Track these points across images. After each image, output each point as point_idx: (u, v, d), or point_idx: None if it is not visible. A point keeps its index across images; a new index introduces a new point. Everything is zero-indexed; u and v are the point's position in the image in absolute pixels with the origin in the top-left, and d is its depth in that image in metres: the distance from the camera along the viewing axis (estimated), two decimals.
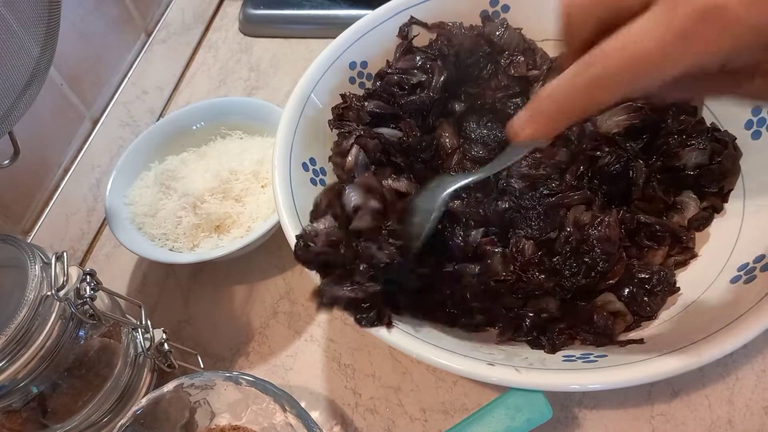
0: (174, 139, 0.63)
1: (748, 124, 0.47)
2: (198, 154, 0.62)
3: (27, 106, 0.42)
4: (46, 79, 0.42)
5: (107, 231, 0.63)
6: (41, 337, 0.37)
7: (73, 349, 0.40)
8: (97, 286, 0.40)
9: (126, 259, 0.61)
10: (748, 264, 0.41)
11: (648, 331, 0.42)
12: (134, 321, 0.46)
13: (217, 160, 0.59)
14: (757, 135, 0.46)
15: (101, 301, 0.44)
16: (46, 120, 0.59)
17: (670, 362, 0.34)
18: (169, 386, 0.41)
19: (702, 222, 0.46)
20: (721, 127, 0.48)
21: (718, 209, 0.47)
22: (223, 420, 0.44)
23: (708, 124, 0.49)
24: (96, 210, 0.64)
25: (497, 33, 0.54)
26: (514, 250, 0.45)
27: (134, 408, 0.40)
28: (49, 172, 0.60)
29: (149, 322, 0.46)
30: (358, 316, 0.38)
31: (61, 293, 0.37)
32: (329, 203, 0.39)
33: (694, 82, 0.29)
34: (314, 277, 0.39)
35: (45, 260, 0.38)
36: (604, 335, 0.41)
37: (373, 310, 0.38)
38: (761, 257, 0.40)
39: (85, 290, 0.39)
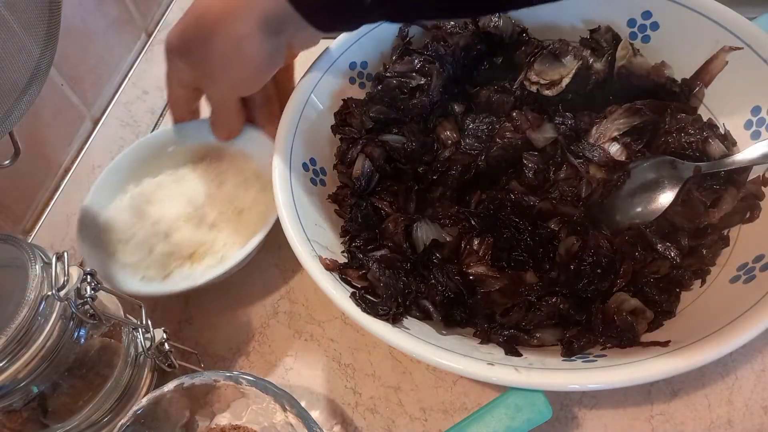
0: (151, 161, 0.57)
1: (748, 124, 0.47)
2: (175, 177, 0.56)
3: (27, 106, 0.42)
4: (47, 79, 0.42)
5: None
6: (42, 337, 0.37)
7: (74, 349, 0.40)
8: (97, 286, 0.40)
9: None
10: (747, 264, 0.41)
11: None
12: (134, 321, 0.46)
13: (193, 183, 0.55)
14: (756, 135, 0.46)
15: (102, 301, 0.44)
16: (46, 120, 0.59)
17: (669, 362, 0.35)
18: (169, 386, 0.41)
19: (743, 212, 0.44)
20: (719, 125, 0.48)
21: (760, 196, 0.44)
22: (223, 420, 0.44)
23: (705, 120, 0.49)
24: None
25: (491, 24, 0.54)
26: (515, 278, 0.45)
27: (135, 408, 0.40)
28: (50, 172, 0.60)
29: (149, 322, 0.46)
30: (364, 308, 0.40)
31: (62, 293, 0.37)
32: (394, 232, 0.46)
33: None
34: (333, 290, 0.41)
35: (45, 260, 0.38)
36: (628, 335, 0.40)
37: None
38: (761, 257, 0.40)
39: (85, 290, 0.39)
